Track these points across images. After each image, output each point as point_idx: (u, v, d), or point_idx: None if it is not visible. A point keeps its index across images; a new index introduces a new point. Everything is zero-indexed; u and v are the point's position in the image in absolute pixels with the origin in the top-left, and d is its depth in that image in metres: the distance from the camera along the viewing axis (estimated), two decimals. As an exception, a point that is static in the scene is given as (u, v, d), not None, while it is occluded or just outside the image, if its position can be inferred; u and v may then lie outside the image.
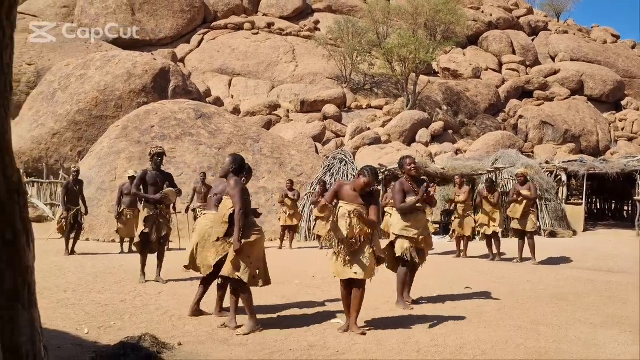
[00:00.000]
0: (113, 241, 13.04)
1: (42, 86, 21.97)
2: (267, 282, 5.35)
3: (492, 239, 11.17)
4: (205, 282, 5.83)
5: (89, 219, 13.17)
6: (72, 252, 10.83)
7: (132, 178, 11.63)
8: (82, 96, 20.34)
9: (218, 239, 5.39)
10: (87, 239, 13.20)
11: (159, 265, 7.84)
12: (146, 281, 7.68)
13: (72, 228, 11.05)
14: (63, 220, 11.05)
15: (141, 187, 7.79)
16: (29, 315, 1.88)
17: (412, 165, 6.33)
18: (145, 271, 7.80)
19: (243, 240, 5.04)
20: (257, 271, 5.19)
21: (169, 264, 8.08)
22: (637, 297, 7.14)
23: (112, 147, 15.70)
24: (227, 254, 5.22)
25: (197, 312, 5.76)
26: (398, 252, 6.26)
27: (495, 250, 11.16)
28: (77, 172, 11.41)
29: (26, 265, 1.87)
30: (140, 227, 7.76)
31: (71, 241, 10.98)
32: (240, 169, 5.34)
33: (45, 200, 18.69)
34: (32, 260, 1.94)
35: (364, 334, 5.08)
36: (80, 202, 11.30)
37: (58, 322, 5.28)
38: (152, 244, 7.82)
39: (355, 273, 5.06)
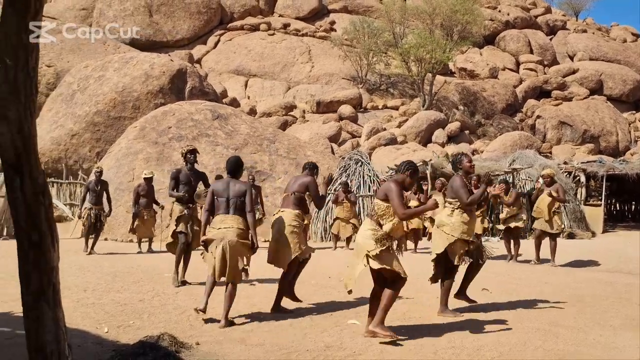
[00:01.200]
0: (131, 241, 13.16)
1: (61, 87, 22.25)
2: (217, 278, 5.52)
3: (512, 240, 11.08)
4: (286, 276, 6.16)
5: (108, 219, 13.31)
6: (92, 252, 10.95)
7: (147, 179, 11.75)
8: (101, 97, 20.56)
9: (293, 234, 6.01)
10: (106, 239, 13.34)
11: (185, 267, 7.71)
12: (180, 284, 7.47)
13: (93, 228, 11.19)
14: (81, 219, 11.22)
15: (174, 186, 7.72)
16: (53, 315, 1.92)
17: (472, 163, 6.19)
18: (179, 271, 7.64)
19: (203, 237, 5.64)
20: (214, 267, 5.48)
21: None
22: (657, 299, 7.05)
23: (130, 148, 15.85)
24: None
25: (294, 297, 6.30)
26: (455, 255, 5.94)
27: (513, 252, 11.07)
28: (100, 172, 11.54)
29: (51, 266, 1.91)
30: (172, 227, 7.69)
31: (91, 240, 11.11)
32: (232, 169, 5.72)
33: (65, 201, 18.93)
34: (57, 261, 1.98)
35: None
36: (106, 201, 11.45)
37: (78, 321, 5.35)
38: (188, 244, 7.67)
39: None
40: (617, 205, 27.90)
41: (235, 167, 5.71)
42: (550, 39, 39.86)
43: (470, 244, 6.02)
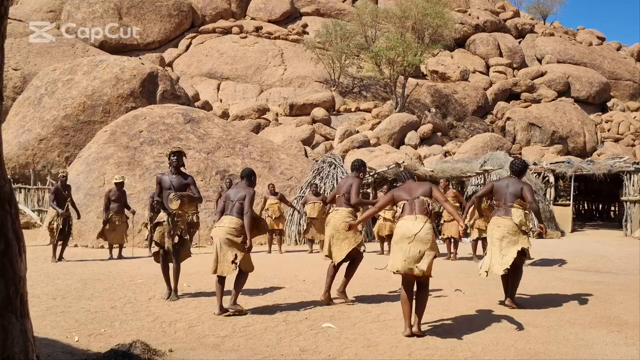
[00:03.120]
0: (101, 247, 12.95)
1: (28, 91, 21.81)
2: (213, 271, 6.18)
3: (479, 241, 11.20)
4: (335, 270, 6.66)
5: (77, 225, 13.07)
6: (61, 259, 10.73)
7: (118, 184, 11.57)
8: (69, 101, 20.22)
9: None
10: (76, 245, 13.10)
11: (176, 275, 7.08)
12: (178, 298, 6.92)
13: (61, 234, 10.95)
14: (54, 223, 10.90)
15: (161, 193, 7.08)
16: (21, 325, 1.88)
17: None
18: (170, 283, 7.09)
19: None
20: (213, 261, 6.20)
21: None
22: (624, 297, 7.21)
23: (100, 153, 15.60)
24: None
25: (329, 299, 6.59)
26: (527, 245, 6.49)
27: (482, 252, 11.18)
28: (65, 176, 11.31)
29: (19, 276, 1.86)
30: (154, 235, 7.12)
31: (59, 247, 10.88)
32: (243, 175, 6.49)
33: (33, 207, 18.55)
34: (24, 270, 1.93)
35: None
36: (71, 207, 11.20)
37: (47, 330, 5.25)
38: (169, 253, 7.02)
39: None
40: (585, 204, 28.51)
41: (245, 174, 6.46)
42: (519, 42, 40.61)
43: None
